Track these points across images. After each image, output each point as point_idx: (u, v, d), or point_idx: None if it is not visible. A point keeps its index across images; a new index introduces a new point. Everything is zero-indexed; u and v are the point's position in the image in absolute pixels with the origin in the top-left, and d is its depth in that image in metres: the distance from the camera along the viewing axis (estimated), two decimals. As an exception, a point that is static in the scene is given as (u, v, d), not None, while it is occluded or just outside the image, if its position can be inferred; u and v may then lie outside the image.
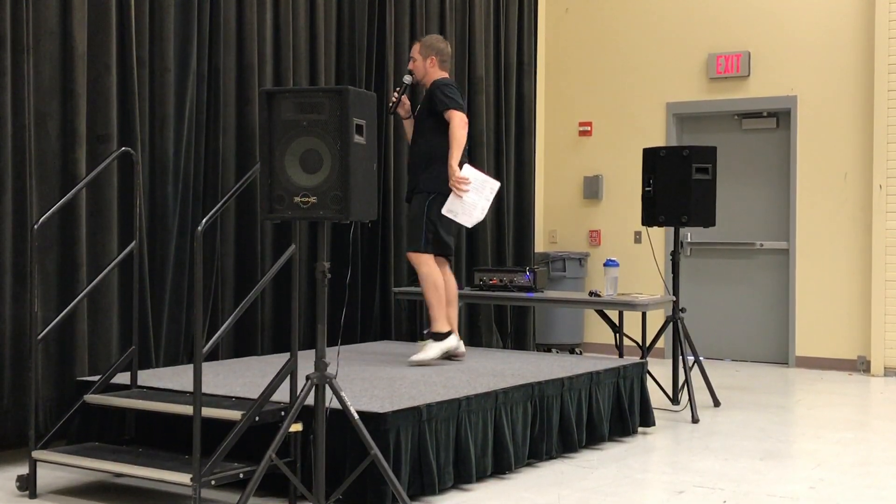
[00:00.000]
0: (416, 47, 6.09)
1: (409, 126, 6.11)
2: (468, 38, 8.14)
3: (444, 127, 5.78)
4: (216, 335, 4.08)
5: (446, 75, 6.03)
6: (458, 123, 5.75)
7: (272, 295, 6.40)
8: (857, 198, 8.60)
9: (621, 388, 5.73)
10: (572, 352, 9.23)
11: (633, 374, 5.86)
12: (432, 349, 5.75)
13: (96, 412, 4.81)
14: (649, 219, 6.76)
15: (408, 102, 6.05)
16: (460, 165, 5.70)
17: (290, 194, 3.86)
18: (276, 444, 3.88)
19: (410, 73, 6.06)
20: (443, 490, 4.44)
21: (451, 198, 5.70)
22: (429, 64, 6.02)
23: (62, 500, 4.34)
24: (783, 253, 9.02)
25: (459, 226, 5.90)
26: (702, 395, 6.82)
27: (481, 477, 4.66)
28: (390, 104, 6.07)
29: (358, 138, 3.85)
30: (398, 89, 6.03)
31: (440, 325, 5.81)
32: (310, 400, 3.98)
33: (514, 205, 8.73)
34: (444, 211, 5.73)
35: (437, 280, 5.81)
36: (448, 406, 4.48)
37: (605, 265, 6.67)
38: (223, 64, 6.12)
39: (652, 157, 6.74)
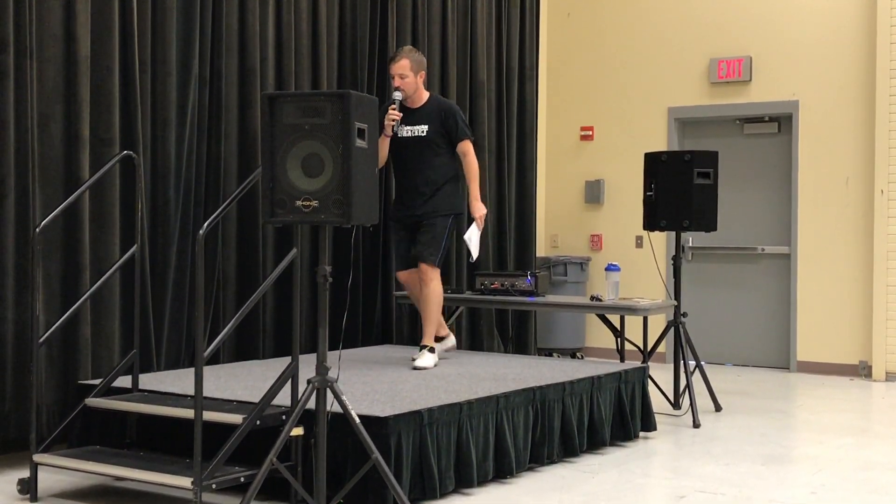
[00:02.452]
0: (406, 63, 5.86)
1: (385, 143, 5.86)
2: (470, 42, 8.15)
3: (452, 151, 5.99)
4: (218, 339, 4.09)
5: (429, 93, 6.08)
6: (475, 156, 6.02)
7: (273, 299, 6.40)
8: (859, 203, 8.60)
9: (622, 392, 5.73)
10: (573, 356, 9.23)
11: (635, 379, 5.86)
12: (429, 358, 5.83)
13: (98, 416, 4.81)
14: (651, 223, 6.76)
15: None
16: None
17: (291, 198, 3.86)
18: (278, 448, 3.88)
19: (400, 90, 5.85)
20: (444, 494, 4.44)
21: (474, 228, 5.97)
22: (420, 79, 5.95)
23: (63, 504, 4.35)
24: (784, 258, 9.02)
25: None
26: (703, 400, 6.81)
27: (482, 481, 4.66)
28: (392, 123, 5.76)
29: (360, 142, 3.86)
30: (395, 106, 5.80)
31: (432, 339, 5.94)
32: (311, 404, 3.98)
33: (516, 209, 8.73)
34: (465, 237, 5.99)
35: (441, 297, 6.00)
36: (449, 410, 4.48)
37: (606, 269, 6.67)
38: (225, 68, 6.13)
39: (653, 162, 6.74)
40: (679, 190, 6.61)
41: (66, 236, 5.23)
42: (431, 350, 5.89)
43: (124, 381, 4.84)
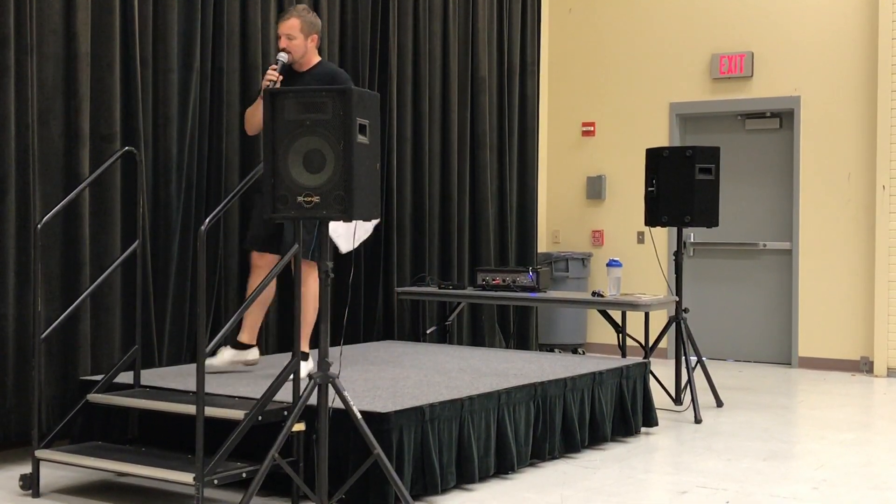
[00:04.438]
0: (295, 23, 5.26)
1: (261, 107, 4.68)
2: (471, 38, 8.14)
3: None
4: (219, 334, 4.08)
5: (320, 58, 5.46)
6: None
7: (275, 294, 6.39)
8: (861, 198, 8.59)
9: (624, 388, 5.73)
10: (575, 352, 9.23)
11: (636, 375, 5.86)
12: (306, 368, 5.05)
13: (99, 411, 4.82)
14: (652, 219, 6.75)
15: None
16: None
17: (293, 194, 3.86)
18: (279, 443, 3.88)
19: (286, 51, 5.22)
20: (445, 490, 4.44)
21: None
22: (310, 43, 5.32)
23: (65, 500, 4.34)
24: (786, 253, 9.01)
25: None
26: (704, 396, 6.81)
27: (484, 477, 4.66)
28: (268, 84, 4.97)
29: (361, 138, 3.85)
30: (275, 67, 5.12)
31: (306, 345, 5.29)
32: (313, 400, 3.98)
33: (517, 205, 8.73)
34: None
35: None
36: (451, 406, 4.48)
37: (607, 265, 6.67)
38: (226, 64, 6.12)
39: (655, 158, 6.73)
40: (680, 185, 6.61)
41: (67, 233, 5.23)
42: (307, 358, 5.18)
43: (126, 377, 4.84)
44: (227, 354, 5.35)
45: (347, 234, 5.57)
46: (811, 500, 4.49)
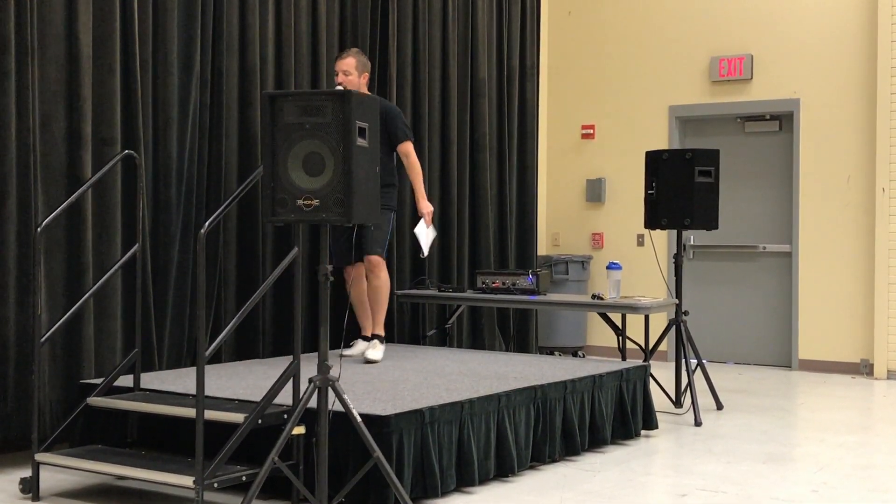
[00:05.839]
0: (351, 61, 6.01)
1: None
2: (471, 41, 8.15)
3: (390, 153, 6.12)
4: (219, 338, 4.09)
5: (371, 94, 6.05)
6: (416, 156, 6.16)
7: (274, 298, 6.40)
8: (860, 201, 8.60)
9: (624, 390, 5.73)
10: (575, 355, 9.23)
11: (636, 377, 5.86)
12: (381, 349, 6.06)
13: (99, 415, 4.82)
14: (652, 222, 6.76)
15: None
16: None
17: (292, 197, 3.86)
18: (279, 446, 3.88)
19: (342, 86, 5.89)
20: (445, 493, 4.44)
21: (422, 224, 6.16)
22: (362, 80, 6.04)
23: (65, 503, 4.35)
24: (786, 256, 9.02)
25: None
26: (704, 398, 6.81)
27: (484, 480, 4.67)
28: None
29: (360, 141, 3.86)
30: None
31: (382, 329, 6.17)
32: (312, 403, 3.98)
33: (517, 208, 8.73)
34: (416, 230, 6.20)
35: (389, 287, 6.21)
36: (451, 409, 4.48)
37: (607, 268, 6.67)
38: (226, 67, 6.13)
39: (655, 160, 6.74)
40: (680, 188, 6.61)
41: (68, 235, 5.24)
42: (382, 340, 6.11)
43: (126, 381, 4.85)
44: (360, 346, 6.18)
45: (427, 240, 6.25)
46: (811, 503, 4.49)
